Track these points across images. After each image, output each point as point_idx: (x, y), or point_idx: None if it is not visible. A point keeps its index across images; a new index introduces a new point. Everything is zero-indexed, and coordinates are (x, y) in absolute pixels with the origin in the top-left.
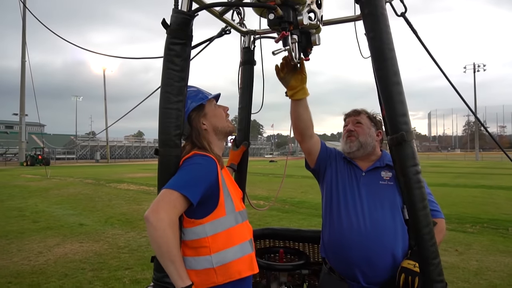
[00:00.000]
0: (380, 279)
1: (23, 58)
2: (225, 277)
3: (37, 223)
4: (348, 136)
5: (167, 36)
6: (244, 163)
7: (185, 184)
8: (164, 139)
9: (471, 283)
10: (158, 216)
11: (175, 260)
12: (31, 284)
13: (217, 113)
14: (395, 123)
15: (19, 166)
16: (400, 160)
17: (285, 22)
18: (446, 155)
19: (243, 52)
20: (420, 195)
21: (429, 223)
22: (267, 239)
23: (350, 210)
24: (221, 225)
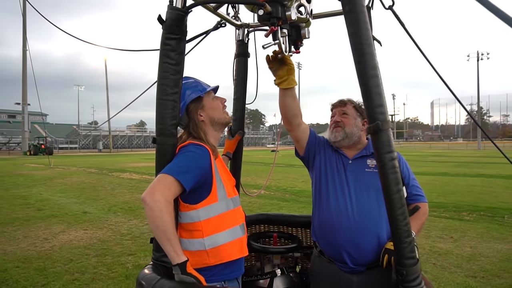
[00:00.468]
0: (366, 260)
1: (24, 47)
2: (216, 259)
3: (42, 211)
4: (334, 127)
5: (162, 31)
6: (239, 152)
7: (180, 170)
8: (161, 128)
9: (463, 268)
10: (154, 198)
11: (171, 238)
12: (37, 268)
13: (214, 105)
14: (372, 113)
15: (22, 155)
16: (377, 147)
17: (274, 17)
18: (448, 144)
19: (238, 45)
20: (395, 180)
21: (402, 205)
22: (262, 224)
23: (338, 196)
24: (213, 210)
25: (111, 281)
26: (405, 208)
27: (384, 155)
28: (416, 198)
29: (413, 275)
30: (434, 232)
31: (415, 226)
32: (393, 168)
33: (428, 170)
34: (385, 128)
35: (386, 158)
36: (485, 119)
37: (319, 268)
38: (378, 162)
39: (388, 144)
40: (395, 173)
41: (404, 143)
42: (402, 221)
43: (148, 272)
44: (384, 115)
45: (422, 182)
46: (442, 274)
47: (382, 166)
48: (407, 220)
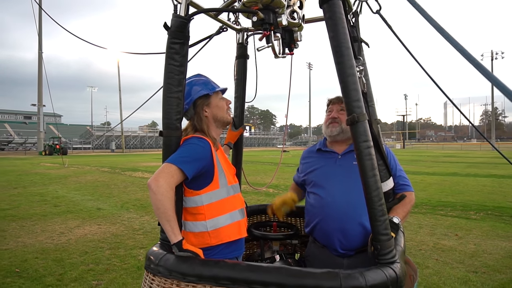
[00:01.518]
0: (354, 246)
1: (40, 49)
2: (217, 239)
3: (58, 207)
4: (331, 122)
5: (168, 36)
6: (240, 143)
7: (182, 160)
8: (166, 122)
9: (465, 264)
10: (158, 183)
11: (170, 220)
12: (55, 259)
13: (220, 104)
14: (350, 107)
15: (38, 155)
16: (354, 137)
17: (266, 23)
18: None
19: (238, 47)
20: (370, 165)
21: (377, 188)
22: (263, 214)
23: (327, 188)
24: (215, 196)
25: (124, 272)
26: (380, 190)
27: (360, 144)
28: (403, 188)
29: (386, 249)
30: (439, 230)
31: (400, 213)
32: (369, 155)
33: (438, 170)
34: (361, 120)
35: (362, 146)
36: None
37: (313, 253)
38: (356, 150)
39: (364, 134)
40: (370, 159)
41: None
42: (377, 202)
43: (156, 249)
44: (360, 109)
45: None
46: (443, 269)
47: (359, 153)
48: (382, 201)
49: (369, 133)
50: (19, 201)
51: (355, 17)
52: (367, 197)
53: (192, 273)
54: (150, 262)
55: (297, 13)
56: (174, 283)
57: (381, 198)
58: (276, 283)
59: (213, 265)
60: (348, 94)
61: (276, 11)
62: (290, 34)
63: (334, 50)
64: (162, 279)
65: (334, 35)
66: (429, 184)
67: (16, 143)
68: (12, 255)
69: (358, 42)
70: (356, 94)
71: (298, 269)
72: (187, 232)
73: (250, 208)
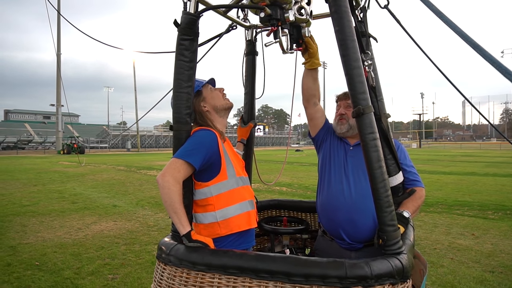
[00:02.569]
0: (362, 238)
1: (58, 51)
2: (227, 229)
3: (76, 204)
4: (339, 119)
5: (178, 33)
6: (250, 139)
7: (188, 153)
8: (177, 117)
9: (482, 264)
10: (164, 178)
11: (177, 212)
12: (73, 253)
13: (214, 95)
14: (355, 99)
15: (56, 154)
16: (360, 129)
17: (273, 19)
18: (480, 144)
19: (247, 44)
20: (376, 157)
21: (384, 179)
22: (273, 209)
23: (337, 179)
24: (224, 187)
25: (139, 266)
26: (386, 182)
27: (366, 136)
28: (413, 183)
29: (393, 240)
30: (455, 229)
31: (410, 207)
32: (375, 147)
33: (455, 169)
34: (366, 112)
35: (368, 138)
36: None
37: (322, 246)
38: (362, 141)
39: (370, 126)
40: (376, 151)
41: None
42: (383, 193)
43: (167, 240)
44: (366, 101)
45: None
46: (459, 268)
47: (365, 145)
48: (388, 192)
49: (375, 125)
50: (38, 198)
51: (363, 12)
52: (373, 188)
53: (202, 262)
54: (162, 252)
55: (304, 9)
56: (184, 272)
57: (387, 189)
58: (282, 272)
59: (222, 255)
60: (354, 86)
61: (283, 6)
62: (298, 30)
63: (339, 43)
64: (173, 268)
65: (339, 28)
66: (446, 184)
67: (36, 142)
68: (32, 249)
69: (366, 37)
70: (361, 87)
71: (304, 259)
72: (198, 224)
73: (260, 203)
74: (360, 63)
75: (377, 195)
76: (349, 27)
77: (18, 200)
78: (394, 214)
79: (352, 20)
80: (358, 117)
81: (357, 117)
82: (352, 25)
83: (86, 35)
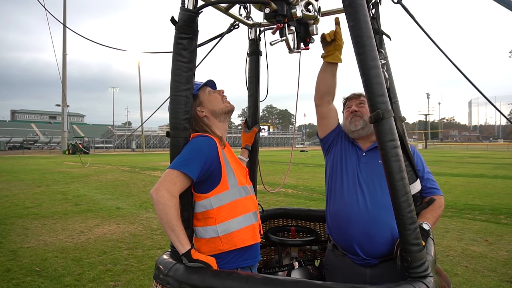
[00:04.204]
0: (379, 252)
1: (64, 51)
2: (230, 244)
3: (79, 206)
4: (353, 116)
5: (175, 31)
6: (255, 144)
7: (184, 163)
8: (174, 122)
9: (498, 273)
10: (159, 193)
11: (175, 229)
12: (74, 258)
13: (212, 98)
14: (373, 102)
15: (62, 154)
16: (379, 136)
17: (279, 15)
18: (487, 145)
19: (250, 44)
20: (398, 167)
21: (406, 192)
22: (280, 218)
23: (351, 188)
24: (225, 198)
25: (141, 273)
26: (409, 195)
27: (386, 144)
28: (431, 191)
29: (418, 262)
30: (467, 235)
31: (430, 218)
32: (396, 156)
33: (464, 171)
34: (386, 116)
35: (388, 146)
36: None
37: (333, 261)
38: (381, 150)
39: (390, 132)
40: (398, 161)
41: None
42: (406, 208)
43: (166, 258)
44: (385, 104)
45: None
46: (474, 277)
47: (384, 154)
48: (412, 207)
49: (395, 132)
50: (42, 200)
51: (375, 8)
52: (395, 203)
53: (203, 285)
54: (159, 272)
55: (312, 5)
56: None
57: (410, 203)
58: None
59: (225, 277)
60: (371, 88)
61: (290, 2)
62: (306, 27)
63: (354, 40)
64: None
65: (354, 24)
66: (454, 186)
67: (42, 143)
68: (33, 253)
69: (379, 34)
70: (380, 88)
71: (318, 284)
72: (198, 239)
73: (266, 212)
74: (378, 62)
75: (399, 210)
76: (365, 22)
77: (22, 201)
78: (418, 231)
79: (368, 15)
80: (376, 122)
81: (375, 122)
82: (368, 20)
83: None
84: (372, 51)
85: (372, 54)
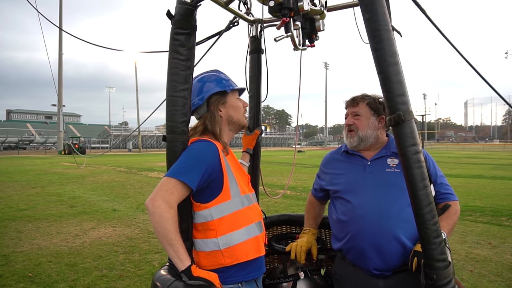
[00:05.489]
0: (391, 266)
1: (60, 51)
2: (232, 259)
3: (74, 208)
4: (348, 131)
5: (171, 26)
6: (257, 148)
7: (183, 171)
8: (171, 126)
9: (504, 277)
10: (155, 204)
11: (172, 243)
12: (68, 263)
13: (237, 105)
14: (393, 103)
15: (57, 154)
16: (399, 140)
17: (285, 8)
18: (483, 146)
19: (251, 41)
20: (420, 175)
21: (430, 202)
22: (284, 225)
23: (357, 200)
24: (226, 208)
25: (138, 278)
26: (433, 205)
27: (407, 149)
28: (446, 197)
29: (444, 280)
30: (470, 238)
31: (445, 226)
32: (418, 162)
33: (462, 172)
34: (407, 119)
35: (410, 151)
36: None
37: (343, 271)
38: (402, 156)
39: (412, 136)
40: (420, 167)
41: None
42: (430, 220)
43: (164, 273)
44: (406, 105)
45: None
46: (480, 282)
47: (406, 160)
48: (436, 219)
49: (417, 135)
50: (36, 201)
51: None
52: (418, 214)
53: None
54: None
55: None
56: None
57: (434, 215)
58: None
59: None
60: (390, 87)
61: None
62: (311, 22)
63: (371, 35)
64: None
65: (370, 16)
66: (454, 187)
67: (37, 143)
68: (27, 258)
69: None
70: (400, 88)
71: None
72: (198, 252)
73: (269, 218)
74: (397, 59)
75: (422, 222)
76: (383, 14)
77: (15, 203)
78: (443, 246)
79: (386, 6)
80: (397, 125)
81: (395, 125)
82: (386, 11)
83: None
84: (391, 45)
85: (391, 49)
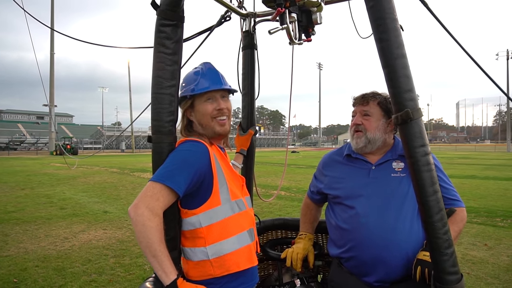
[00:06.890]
0: (392, 278)
1: (52, 50)
2: (222, 269)
3: (64, 210)
4: (355, 131)
5: (157, 17)
6: (251, 149)
7: (169, 175)
8: (156, 125)
9: (501, 280)
10: (137, 211)
11: (156, 255)
12: (56, 268)
13: (203, 109)
14: (400, 100)
15: (49, 155)
16: (407, 140)
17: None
18: (475, 146)
19: (243, 36)
20: (430, 179)
21: (440, 209)
22: (279, 229)
23: (359, 208)
24: (216, 215)
25: (128, 283)
26: (443, 213)
27: (416, 150)
28: (452, 203)
29: None
30: (466, 239)
31: (451, 233)
32: (428, 164)
33: (455, 172)
34: (416, 117)
35: (418, 153)
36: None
37: (340, 279)
38: (410, 158)
39: (421, 136)
40: (430, 170)
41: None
42: (441, 228)
43: (149, 287)
44: (414, 102)
45: None
46: (478, 285)
47: (414, 163)
48: (447, 227)
49: (425, 135)
50: (25, 203)
51: None
52: (427, 222)
53: None
54: None
55: None
56: None
57: (445, 223)
58: None
59: None
60: (396, 82)
61: None
62: (308, 15)
63: (374, 24)
64: None
65: (374, 4)
66: None
67: (28, 143)
68: (12, 262)
69: None
70: (407, 83)
71: None
72: (186, 261)
73: (264, 222)
74: (404, 51)
75: (432, 231)
76: (388, 1)
77: (3, 205)
78: (455, 257)
79: None
80: (404, 124)
81: (403, 124)
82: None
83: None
84: (398, 36)
85: (397, 40)
